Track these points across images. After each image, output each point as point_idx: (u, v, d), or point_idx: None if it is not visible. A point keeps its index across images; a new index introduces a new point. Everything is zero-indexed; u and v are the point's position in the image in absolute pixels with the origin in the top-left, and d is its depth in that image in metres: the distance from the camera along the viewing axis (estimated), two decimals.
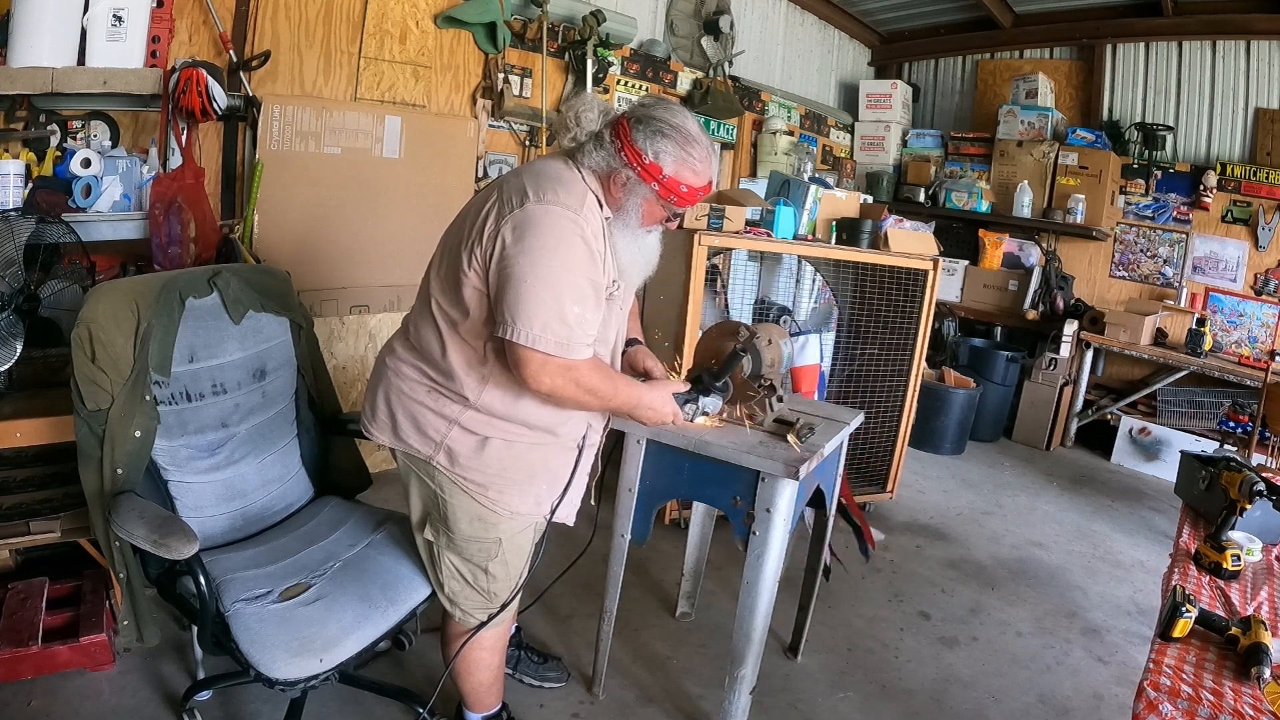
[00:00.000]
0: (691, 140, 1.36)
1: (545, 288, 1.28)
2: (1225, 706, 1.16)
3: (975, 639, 2.46)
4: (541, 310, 1.28)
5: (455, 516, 1.49)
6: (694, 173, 1.37)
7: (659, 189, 1.37)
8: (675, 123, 1.36)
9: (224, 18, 2.56)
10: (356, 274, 3.00)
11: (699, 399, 1.61)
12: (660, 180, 1.36)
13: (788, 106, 4.94)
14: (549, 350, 1.29)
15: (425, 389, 1.47)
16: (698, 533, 2.33)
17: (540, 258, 1.29)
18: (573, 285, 1.31)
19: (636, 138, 1.35)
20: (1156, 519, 3.67)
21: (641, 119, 1.36)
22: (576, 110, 1.40)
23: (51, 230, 1.93)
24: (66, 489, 1.85)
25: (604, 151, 1.38)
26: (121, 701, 1.78)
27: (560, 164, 1.41)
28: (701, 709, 2.00)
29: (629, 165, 1.36)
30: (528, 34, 3.46)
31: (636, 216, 1.41)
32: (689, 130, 1.37)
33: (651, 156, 1.35)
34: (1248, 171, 4.45)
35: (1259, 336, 4.42)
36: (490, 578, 1.53)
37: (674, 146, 1.35)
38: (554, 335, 1.29)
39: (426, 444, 1.47)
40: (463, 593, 1.55)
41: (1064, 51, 5.15)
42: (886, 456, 3.26)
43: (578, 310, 1.31)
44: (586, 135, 1.39)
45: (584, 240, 1.33)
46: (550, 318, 1.28)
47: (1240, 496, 1.69)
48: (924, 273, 3.06)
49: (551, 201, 1.32)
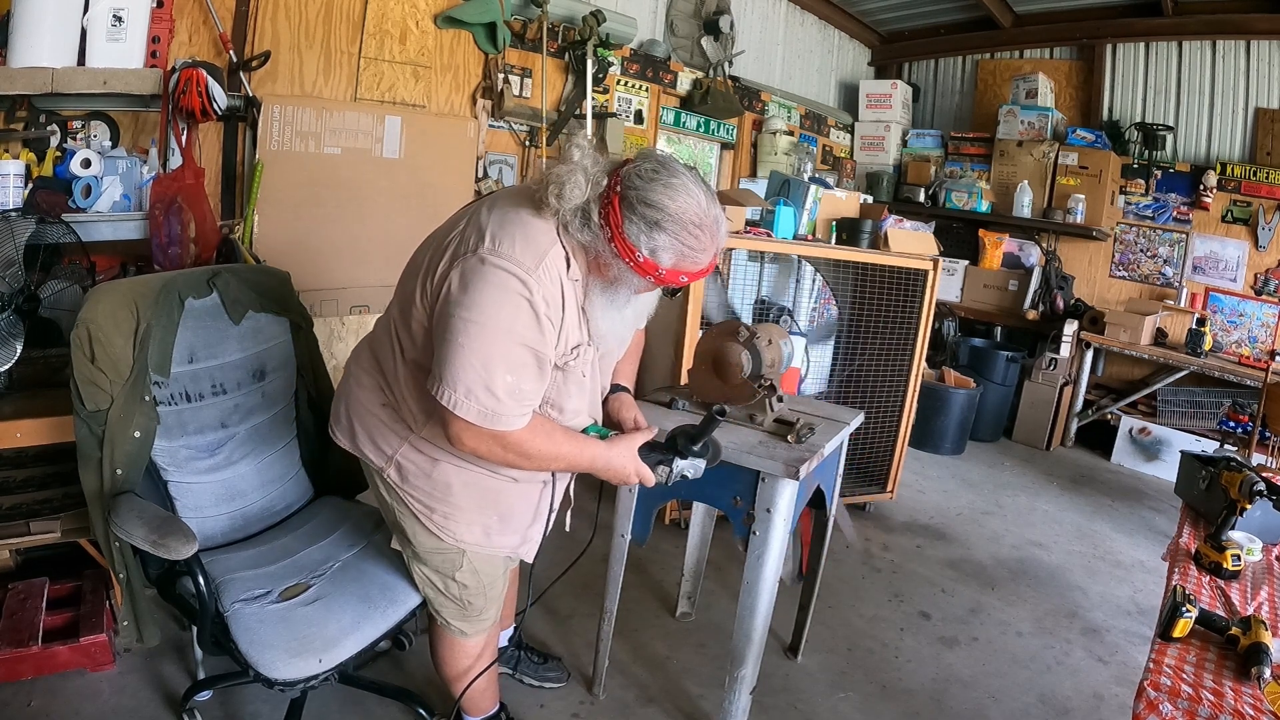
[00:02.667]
0: (693, 229, 1.20)
1: (474, 354, 1.17)
2: (1225, 706, 1.16)
3: (975, 639, 2.46)
4: (467, 376, 1.18)
5: (412, 530, 1.47)
6: (696, 263, 1.23)
7: (655, 281, 1.24)
8: (675, 209, 1.18)
9: (224, 18, 2.56)
10: (356, 274, 3.00)
11: (675, 461, 1.47)
12: (656, 275, 1.22)
13: (788, 106, 4.94)
14: (470, 419, 1.20)
15: (380, 402, 1.42)
16: (698, 533, 2.32)
17: (476, 317, 1.17)
18: (506, 354, 1.19)
19: (629, 230, 1.19)
20: (1156, 519, 3.67)
21: (634, 205, 1.18)
22: (561, 181, 1.21)
23: (51, 230, 1.93)
24: (66, 489, 1.85)
25: (591, 234, 1.22)
26: (121, 702, 1.78)
27: (535, 212, 1.24)
28: (701, 709, 1.99)
29: (620, 259, 1.22)
30: (528, 34, 3.46)
31: (628, 294, 1.31)
32: (689, 215, 1.19)
33: (647, 254, 1.20)
34: (1248, 171, 4.45)
35: (1259, 336, 4.42)
36: (461, 586, 1.50)
37: (673, 241, 1.19)
38: (477, 404, 1.19)
39: (379, 456, 1.43)
40: (437, 600, 1.53)
41: (1064, 51, 5.14)
42: (886, 456, 3.26)
43: (510, 380, 1.20)
44: (570, 211, 1.22)
45: (530, 305, 1.19)
46: (475, 385, 1.18)
47: (1240, 496, 1.69)
48: (924, 273, 3.06)
49: (505, 256, 1.18)
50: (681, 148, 4.60)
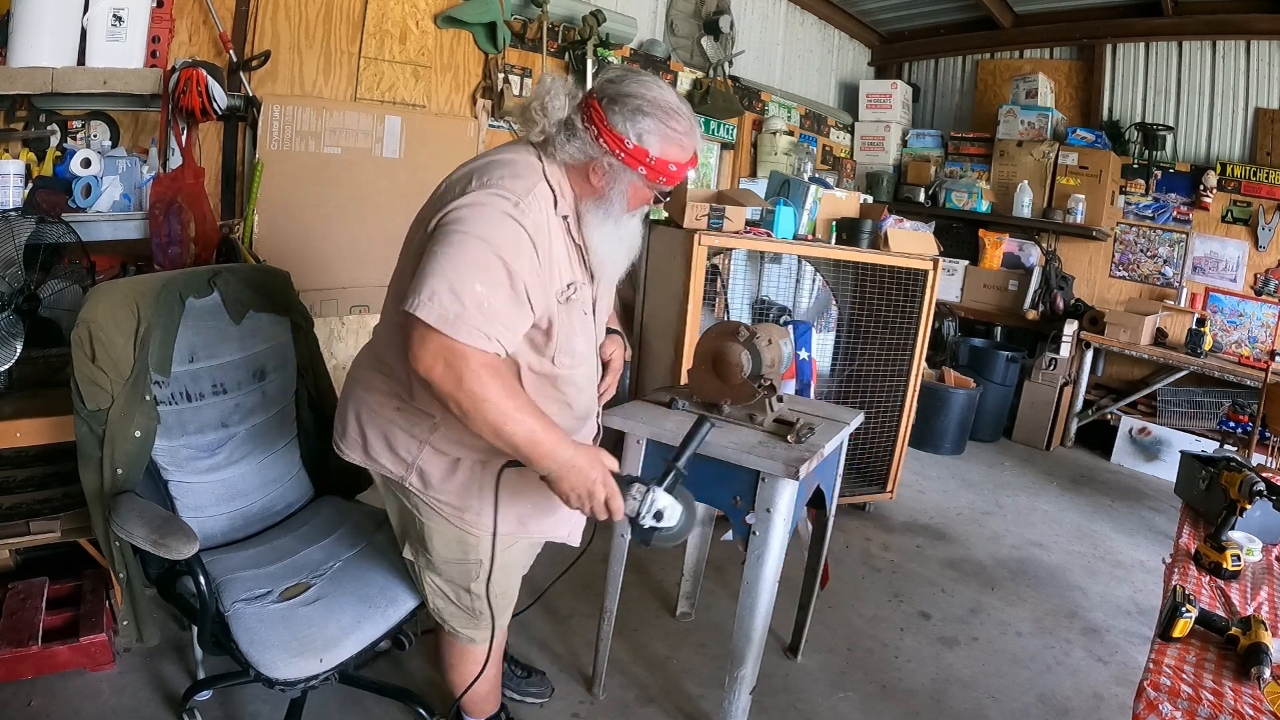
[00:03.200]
0: (673, 113, 1.26)
1: (447, 259, 1.15)
2: (1225, 706, 1.16)
3: (975, 639, 2.46)
4: (434, 279, 1.14)
5: (431, 539, 1.43)
6: (681, 148, 1.28)
7: (646, 172, 1.26)
8: (652, 96, 1.24)
9: (224, 18, 2.56)
10: (357, 274, 3.00)
11: (652, 490, 1.28)
12: (647, 164, 1.25)
13: (788, 106, 4.94)
14: (429, 320, 1.13)
15: (393, 406, 1.38)
16: (698, 532, 2.33)
17: (458, 228, 1.17)
18: (482, 263, 1.16)
19: (614, 121, 1.24)
20: (1156, 519, 3.67)
21: (615, 98, 1.24)
22: (541, 99, 1.26)
23: (51, 230, 1.93)
24: (66, 489, 1.85)
25: (579, 141, 1.26)
26: (121, 701, 1.78)
27: (518, 152, 1.30)
28: (701, 709, 1.99)
29: (610, 152, 1.25)
30: (528, 34, 3.46)
31: (622, 203, 1.31)
32: (668, 102, 1.26)
33: (635, 139, 1.23)
34: (1248, 171, 4.45)
35: (1259, 336, 4.42)
36: (474, 597, 1.47)
37: (657, 124, 1.24)
38: (439, 307, 1.12)
39: (399, 464, 1.39)
40: (447, 609, 1.52)
41: (1064, 51, 5.14)
42: (886, 456, 3.26)
43: (480, 290, 1.15)
44: (555, 125, 1.26)
45: (516, 224, 1.20)
46: (440, 288, 1.13)
47: (1240, 496, 1.69)
48: (924, 273, 3.06)
49: (492, 185, 1.21)
50: None
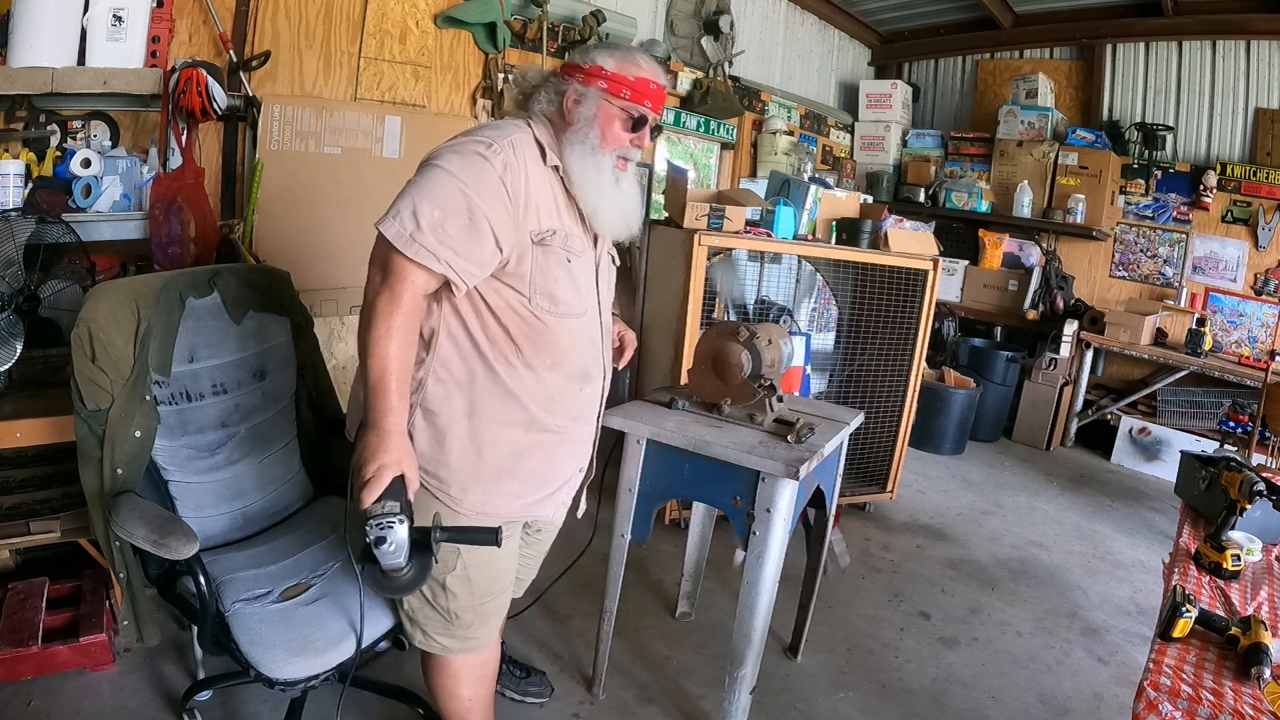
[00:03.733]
0: (629, 49, 1.41)
1: (414, 186, 1.28)
2: (1225, 706, 1.16)
3: (975, 639, 2.46)
4: (400, 201, 1.27)
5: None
6: (636, 65, 1.38)
7: (607, 86, 1.36)
8: (610, 43, 1.44)
9: (224, 18, 2.56)
10: (357, 274, 2.95)
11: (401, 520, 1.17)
12: (605, 77, 1.36)
13: (788, 106, 4.94)
14: (387, 235, 1.26)
15: None
16: (698, 533, 2.33)
17: (429, 164, 1.30)
18: (444, 192, 1.26)
19: (575, 58, 1.41)
20: (1156, 519, 3.67)
21: (581, 53, 1.42)
22: (521, 72, 1.48)
23: (51, 230, 1.93)
24: (66, 489, 1.85)
25: (550, 86, 1.40)
26: (121, 701, 1.78)
27: (506, 121, 1.43)
28: (701, 709, 1.99)
29: (572, 78, 1.38)
30: (528, 34, 3.46)
31: (595, 130, 1.37)
32: (626, 45, 1.43)
33: (590, 62, 1.37)
34: (1248, 171, 4.45)
35: (1259, 336, 4.42)
36: (449, 595, 1.41)
37: (611, 51, 1.39)
38: (397, 224, 1.25)
39: None
40: (421, 610, 1.44)
41: (1064, 51, 5.15)
42: (886, 456, 3.26)
43: (437, 215, 1.25)
44: (531, 87, 1.42)
45: (485, 161, 1.28)
46: (404, 209, 1.26)
47: (1240, 496, 1.69)
48: (924, 273, 3.06)
49: (470, 134, 1.34)
50: (681, 148, 4.61)
